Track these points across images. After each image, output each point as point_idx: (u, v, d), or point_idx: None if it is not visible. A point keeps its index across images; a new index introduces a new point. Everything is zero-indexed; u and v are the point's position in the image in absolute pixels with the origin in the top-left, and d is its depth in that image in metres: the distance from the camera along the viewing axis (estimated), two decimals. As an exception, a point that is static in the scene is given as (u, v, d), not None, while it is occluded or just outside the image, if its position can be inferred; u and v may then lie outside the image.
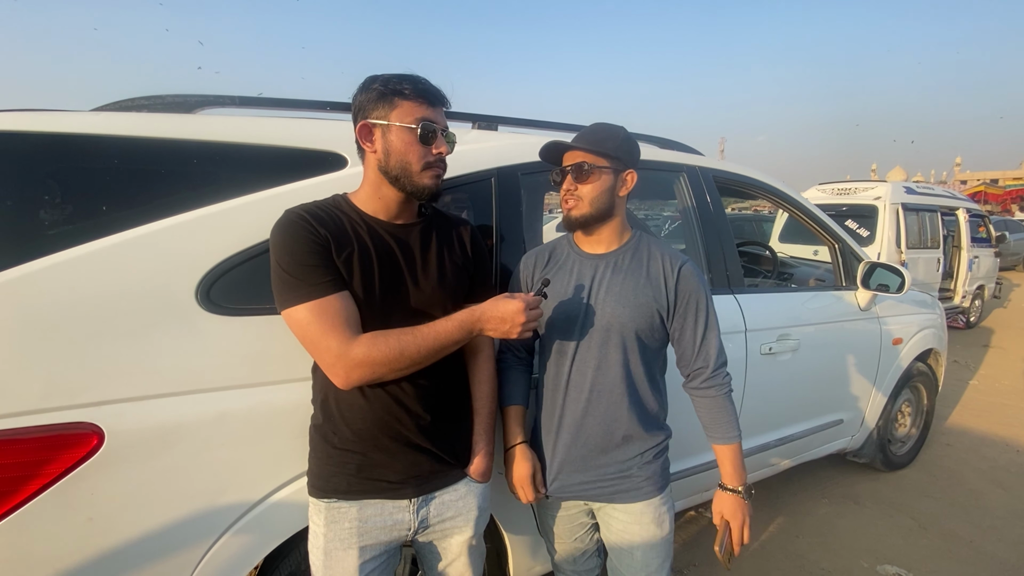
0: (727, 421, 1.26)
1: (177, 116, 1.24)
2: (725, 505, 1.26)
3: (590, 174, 1.21)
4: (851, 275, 2.54)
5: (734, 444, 1.26)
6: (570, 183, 1.23)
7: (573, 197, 1.23)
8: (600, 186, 1.22)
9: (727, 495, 1.26)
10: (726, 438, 1.26)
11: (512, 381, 1.33)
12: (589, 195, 1.22)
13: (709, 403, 1.27)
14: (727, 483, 1.27)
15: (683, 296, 1.23)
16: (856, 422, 2.68)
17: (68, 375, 1.01)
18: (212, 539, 1.13)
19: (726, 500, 1.26)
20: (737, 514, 1.25)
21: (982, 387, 4.68)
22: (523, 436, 1.30)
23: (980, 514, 2.67)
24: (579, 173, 1.21)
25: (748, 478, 1.30)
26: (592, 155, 1.21)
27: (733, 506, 1.25)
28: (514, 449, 1.29)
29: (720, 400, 1.26)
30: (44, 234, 1.06)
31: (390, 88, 1.02)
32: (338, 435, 1.06)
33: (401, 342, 0.98)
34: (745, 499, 1.26)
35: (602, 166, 1.21)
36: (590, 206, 1.22)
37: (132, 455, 1.05)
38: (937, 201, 6.54)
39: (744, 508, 1.25)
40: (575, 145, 1.23)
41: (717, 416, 1.27)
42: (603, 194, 1.22)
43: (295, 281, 0.96)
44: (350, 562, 1.05)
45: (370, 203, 1.08)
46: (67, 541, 1.02)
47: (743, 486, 1.26)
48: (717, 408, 1.26)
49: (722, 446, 1.27)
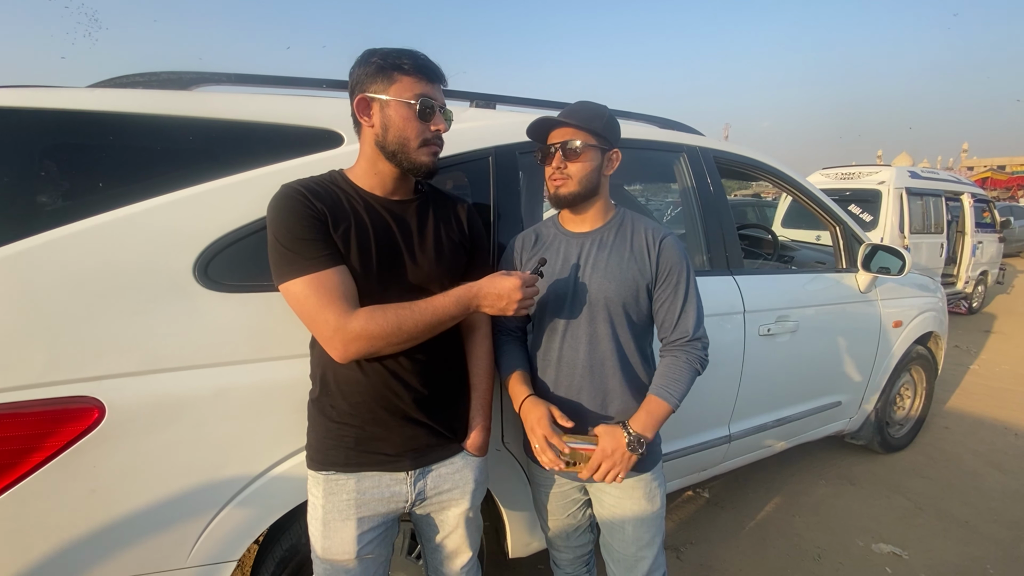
0: (679, 382, 1.21)
1: (173, 93, 1.24)
2: (614, 438, 1.17)
3: (580, 153, 1.20)
4: (852, 258, 2.53)
5: (666, 407, 1.20)
6: (559, 161, 1.22)
7: (561, 175, 1.22)
8: (589, 165, 1.22)
9: (621, 433, 1.17)
10: (667, 393, 1.20)
11: (510, 353, 1.33)
12: (578, 174, 1.22)
13: (672, 361, 1.24)
14: (631, 424, 1.18)
15: (664, 267, 1.24)
16: (854, 404, 2.69)
17: (68, 350, 1.02)
18: (213, 512, 1.15)
19: (617, 436, 1.17)
20: (615, 454, 1.16)
21: (982, 372, 4.68)
22: (529, 391, 1.25)
23: (977, 495, 2.69)
24: (570, 151, 1.21)
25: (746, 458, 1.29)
26: (583, 133, 1.21)
27: (617, 443, 1.16)
28: (523, 404, 1.24)
29: (683, 364, 1.23)
30: (42, 210, 1.06)
31: (389, 62, 1.02)
32: (336, 409, 1.07)
33: (399, 316, 0.99)
34: (630, 449, 1.16)
35: (591, 144, 1.21)
36: (578, 184, 1.22)
37: (133, 429, 1.06)
38: (941, 186, 6.48)
39: (624, 456, 1.16)
40: (566, 121, 1.21)
41: (672, 373, 1.22)
42: (591, 173, 1.23)
43: (292, 255, 0.96)
44: (348, 533, 1.07)
45: (366, 179, 1.08)
46: (70, 513, 1.04)
47: (642, 436, 1.17)
48: (677, 368, 1.23)
49: (656, 400, 1.21)
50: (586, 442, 1.19)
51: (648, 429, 1.19)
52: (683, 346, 1.25)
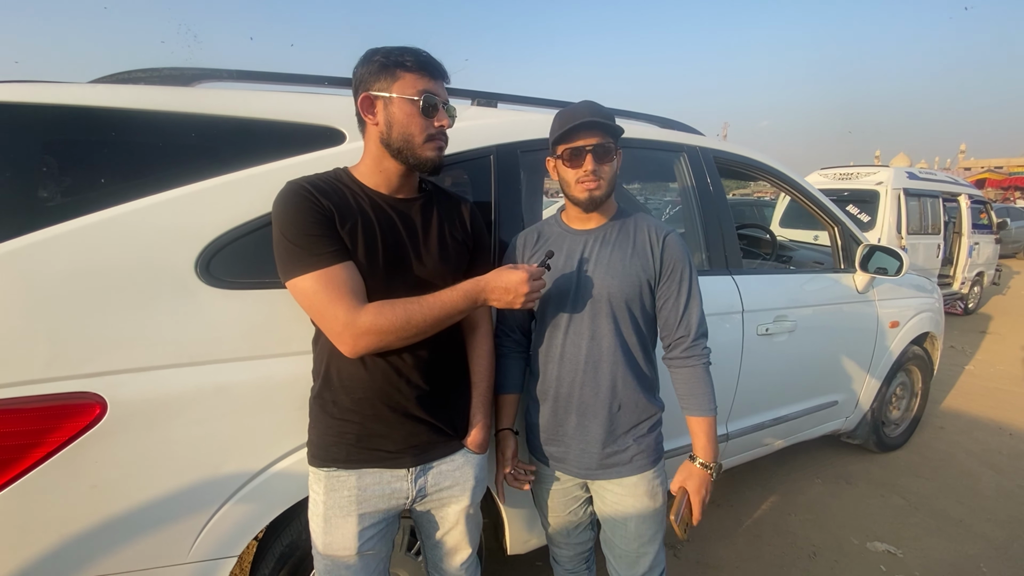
0: (704, 393, 1.25)
1: (174, 89, 1.23)
2: (692, 477, 1.24)
3: (613, 154, 1.23)
4: (850, 258, 2.55)
5: (710, 417, 1.25)
6: (592, 163, 1.20)
7: (595, 178, 1.21)
8: (616, 166, 1.25)
9: (697, 468, 1.25)
10: (702, 410, 1.25)
11: (508, 368, 1.36)
12: (609, 175, 1.23)
13: (688, 373, 1.27)
14: (699, 455, 1.25)
15: (668, 264, 1.26)
16: (851, 403, 2.71)
17: (70, 345, 1.02)
18: (215, 508, 1.16)
19: (694, 473, 1.24)
20: (701, 488, 1.24)
21: (977, 372, 4.71)
22: (510, 423, 1.36)
23: (971, 494, 2.71)
24: (604, 153, 1.20)
25: (743, 457, 1.32)
26: (610, 136, 1.22)
27: (699, 480, 1.24)
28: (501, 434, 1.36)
29: (699, 371, 1.26)
30: (45, 206, 1.06)
31: (392, 60, 1.02)
32: (338, 405, 1.08)
33: (407, 310, 0.99)
34: (712, 476, 1.25)
35: (616, 145, 1.24)
36: (609, 185, 1.24)
37: (134, 425, 1.06)
38: (939, 187, 6.51)
39: (709, 484, 1.25)
40: (600, 122, 1.18)
41: (695, 387, 1.26)
42: (616, 173, 1.26)
43: (300, 251, 0.97)
44: (349, 529, 1.08)
45: (371, 176, 1.09)
46: (72, 509, 1.04)
47: (714, 462, 1.25)
48: (695, 379, 1.26)
49: (697, 418, 1.26)
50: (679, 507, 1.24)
51: (712, 448, 1.25)
52: (690, 350, 1.26)
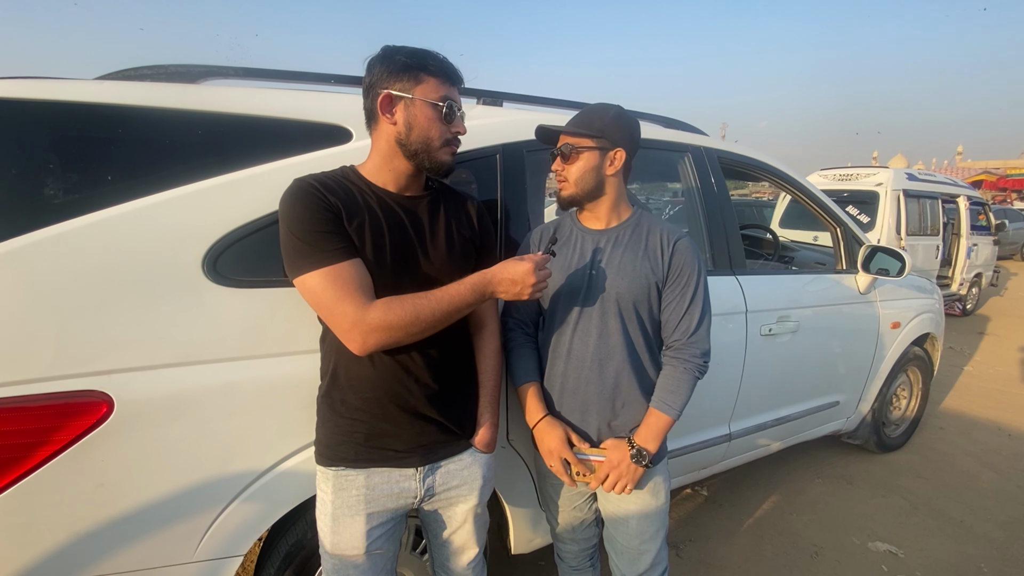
0: (678, 393, 1.24)
1: (181, 86, 1.23)
2: (620, 451, 1.23)
3: (570, 155, 1.26)
4: (852, 259, 2.55)
5: (668, 418, 1.24)
6: (559, 164, 1.29)
7: (561, 178, 1.29)
8: (584, 166, 1.26)
9: (626, 448, 1.23)
10: (666, 406, 1.24)
11: (524, 358, 1.35)
12: (574, 175, 1.27)
13: (670, 372, 1.27)
14: (636, 439, 1.24)
15: (676, 268, 1.26)
16: (852, 404, 2.72)
17: (77, 344, 1.02)
18: (221, 506, 1.15)
19: (623, 449, 1.23)
20: (620, 466, 1.22)
21: (976, 373, 4.73)
22: (544, 410, 1.30)
23: (971, 495, 2.72)
24: (564, 155, 1.27)
25: (745, 457, 1.32)
26: (574, 137, 1.26)
27: (622, 456, 1.22)
28: (539, 424, 1.29)
29: (681, 374, 1.25)
30: (50, 203, 1.06)
31: (416, 62, 1.02)
32: (346, 404, 1.07)
33: (416, 306, 0.99)
34: (634, 462, 1.22)
35: (585, 147, 1.25)
36: (575, 186, 1.27)
37: (141, 424, 1.06)
38: (938, 188, 6.52)
39: (630, 468, 1.22)
40: (559, 128, 1.29)
41: (671, 385, 1.25)
42: (587, 174, 1.26)
43: (308, 248, 0.96)
44: (357, 528, 1.07)
45: (379, 175, 1.08)
46: (78, 507, 1.04)
47: (644, 449, 1.22)
48: (675, 379, 1.25)
49: (656, 413, 1.24)
50: (596, 454, 1.26)
51: (650, 442, 1.24)
52: (680, 350, 1.26)
